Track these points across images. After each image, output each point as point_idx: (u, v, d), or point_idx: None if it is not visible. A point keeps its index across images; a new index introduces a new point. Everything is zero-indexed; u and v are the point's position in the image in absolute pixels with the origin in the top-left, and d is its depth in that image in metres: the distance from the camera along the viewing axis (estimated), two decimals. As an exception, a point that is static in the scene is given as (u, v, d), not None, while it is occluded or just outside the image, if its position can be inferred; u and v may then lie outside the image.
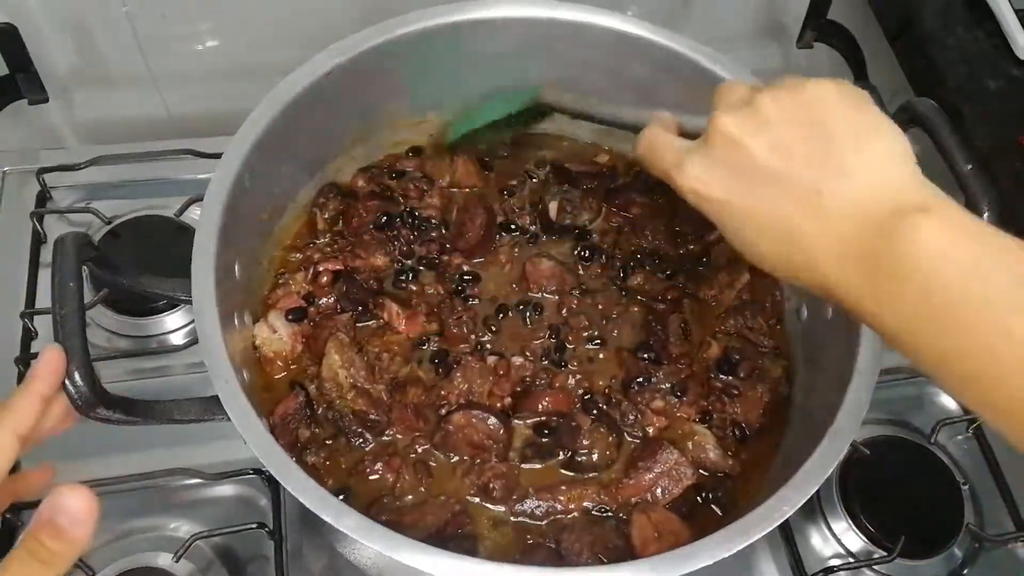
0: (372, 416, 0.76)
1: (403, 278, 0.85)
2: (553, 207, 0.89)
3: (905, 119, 0.79)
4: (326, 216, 0.87)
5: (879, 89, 1.17)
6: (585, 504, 0.74)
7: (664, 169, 0.60)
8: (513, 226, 0.89)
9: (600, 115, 0.79)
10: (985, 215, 0.72)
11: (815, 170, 0.52)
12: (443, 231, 0.88)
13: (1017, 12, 0.93)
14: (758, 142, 0.54)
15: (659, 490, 0.75)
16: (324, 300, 0.82)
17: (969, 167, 0.74)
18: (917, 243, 0.47)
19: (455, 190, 0.92)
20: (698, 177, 0.57)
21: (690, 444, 0.77)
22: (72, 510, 0.49)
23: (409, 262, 0.86)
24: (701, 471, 0.76)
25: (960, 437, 0.96)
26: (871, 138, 0.52)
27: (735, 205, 0.55)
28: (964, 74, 0.93)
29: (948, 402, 0.98)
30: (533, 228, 0.90)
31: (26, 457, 0.58)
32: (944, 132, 0.76)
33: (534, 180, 0.93)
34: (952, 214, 0.49)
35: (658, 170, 0.61)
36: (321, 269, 0.83)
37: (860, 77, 1.19)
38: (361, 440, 0.76)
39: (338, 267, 0.84)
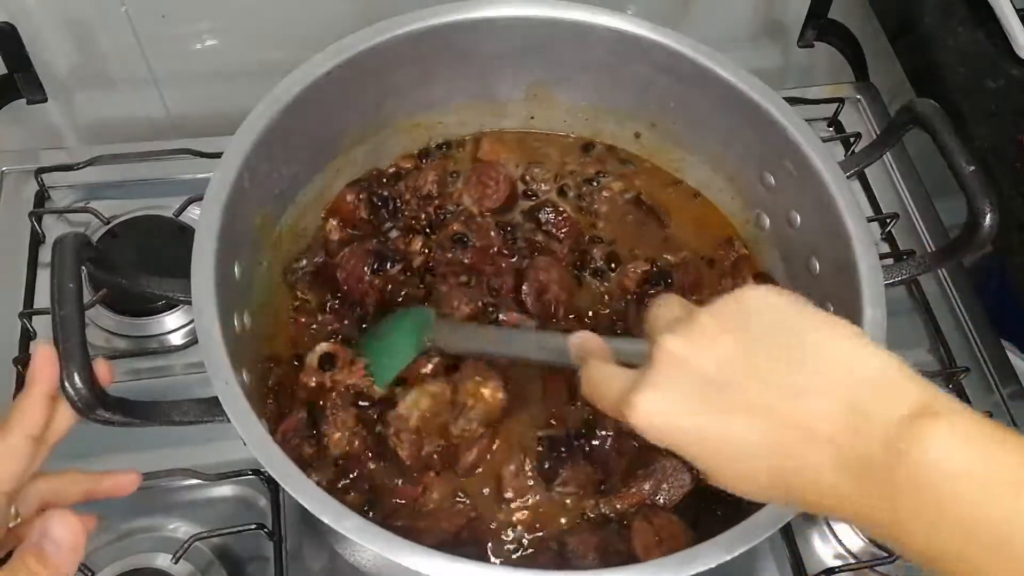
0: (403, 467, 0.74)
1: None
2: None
3: (906, 119, 0.79)
4: (304, 290, 0.84)
5: (879, 89, 1.18)
6: (587, 515, 0.75)
7: (615, 409, 0.52)
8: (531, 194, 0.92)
9: (494, 353, 0.74)
10: (988, 215, 0.72)
11: (782, 377, 0.46)
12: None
13: (1018, 12, 0.93)
14: (708, 357, 0.47)
15: (660, 498, 0.74)
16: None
17: (970, 168, 0.74)
18: (928, 455, 0.42)
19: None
20: (658, 411, 0.49)
21: None
22: (57, 538, 0.49)
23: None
24: (701, 477, 0.76)
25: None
26: (833, 334, 0.47)
27: (706, 431, 0.48)
28: (964, 74, 0.93)
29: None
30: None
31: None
32: (945, 132, 0.75)
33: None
34: (959, 418, 0.43)
35: (609, 410, 0.53)
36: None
37: (860, 77, 1.19)
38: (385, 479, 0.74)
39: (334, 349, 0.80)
